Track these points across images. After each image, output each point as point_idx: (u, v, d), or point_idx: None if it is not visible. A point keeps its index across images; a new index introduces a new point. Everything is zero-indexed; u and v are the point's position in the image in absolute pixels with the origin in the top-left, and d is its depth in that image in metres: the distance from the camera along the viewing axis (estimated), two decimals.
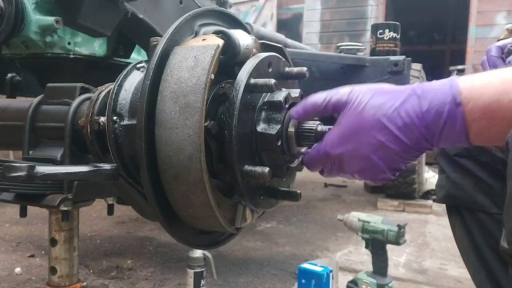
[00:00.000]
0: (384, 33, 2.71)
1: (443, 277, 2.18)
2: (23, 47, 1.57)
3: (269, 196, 0.85)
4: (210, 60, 0.75)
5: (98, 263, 2.20)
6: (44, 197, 1.16)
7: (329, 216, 3.34)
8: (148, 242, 2.56)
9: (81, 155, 1.10)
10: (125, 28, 1.59)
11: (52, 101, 1.16)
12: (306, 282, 1.60)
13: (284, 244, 2.61)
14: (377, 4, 7.78)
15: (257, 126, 0.78)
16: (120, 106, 0.89)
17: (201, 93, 0.72)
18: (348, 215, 1.90)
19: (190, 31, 0.84)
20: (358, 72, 2.59)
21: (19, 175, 0.72)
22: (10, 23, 1.43)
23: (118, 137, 0.88)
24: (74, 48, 1.62)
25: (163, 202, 0.79)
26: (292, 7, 8.71)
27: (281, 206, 3.40)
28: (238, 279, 2.04)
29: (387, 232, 1.73)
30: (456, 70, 7.09)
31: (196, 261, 1.66)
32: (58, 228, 1.27)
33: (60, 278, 1.29)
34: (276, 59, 0.85)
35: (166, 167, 0.75)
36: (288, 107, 0.80)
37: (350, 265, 2.28)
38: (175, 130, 0.73)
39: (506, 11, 6.84)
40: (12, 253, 2.32)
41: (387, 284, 1.76)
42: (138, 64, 0.96)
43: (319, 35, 8.24)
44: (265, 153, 0.79)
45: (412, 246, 2.63)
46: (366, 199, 4.00)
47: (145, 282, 1.98)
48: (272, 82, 0.75)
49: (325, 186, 4.55)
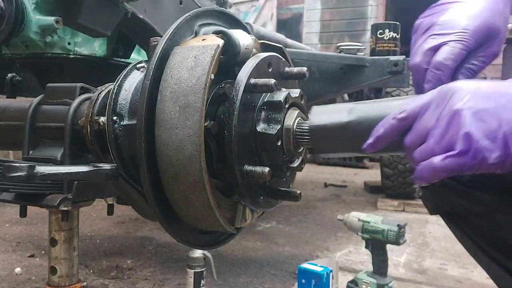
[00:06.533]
0: (384, 33, 2.71)
1: (443, 277, 2.18)
2: (23, 47, 1.57)
3: (269, 196, 0.85)
4: (210, 60, 0.75)
5: (98, 263, 2.20)
6: (44, 197, 1.16)
7: (329, 216, 3.33)
8: (148, 242, 2.56)
9: (81, 155, 1.10)
10: (125, 28, 1.59)
11: (52, 101, 1.16)
12: (306, 282, 1.60)
13: (284, 244, 2.61)
14: (377, 4, 7.78)
15: (257, 126, 0.78)
16: (120, 106, 0.90)
17: (201, 93, 0.72)
18: (348, 215, 1.90)
19: (190, 31, 0.84)
20: (358, 72, 2.60)
21: (19, 175, 0.72)
22: (10, 23, 1.43)
23: (118, 137, 0.88)
24: (74, 48, 1.62)
25: (163, 202, 0.79)
26: (292, 7, 8.71)
27: (281, 206, 3.40)
28: (238, 279, 2.03)
29: (387, 232, 1.73)
30: None
31: (196, 261, 1.66)
32: (58, 228, 1.27)
33: (60, 278, 1.29)
34: (276, 59, 0.85)
35: (166, 167, 0.75)
36: (288, 107, 0.80)
37: (350, 265, 2.28)
38: (175, 130, 0.73)
39: None
40: (12, 253, 2.32)
41: (387, 284, 1.76)
42: (138, 64, 0.96)
43: (319, 35, 8.24)
44: (265, 153, 0.79)
45: (412, 246, 2.63)
46: (366, 199, 4.00)
47: (145, 282, 1.98)
48: (272, 82, 0.75)
49: (325, 186, 4.55)
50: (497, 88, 0.59)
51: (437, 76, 0.73)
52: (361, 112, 0.71)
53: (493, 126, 0.56)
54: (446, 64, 0.73)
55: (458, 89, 0.59)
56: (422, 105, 0.63)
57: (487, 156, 0.56)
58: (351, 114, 0.71)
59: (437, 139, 0.59)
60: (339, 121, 0.72)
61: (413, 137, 0.63)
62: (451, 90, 0.60)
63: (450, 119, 0.58)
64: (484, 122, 0.56)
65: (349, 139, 0.72)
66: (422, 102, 0.63)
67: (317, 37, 8.25)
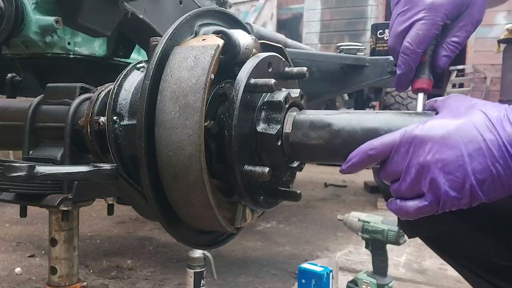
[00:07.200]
0: (384, 33, 2.71)
1: (443, 277, 2.18)
2: (23, 47, 1.57)
3: (269, 196, 0.85)
4: (210, 60, 0.75)
5: (98, 263, 2.20)
6: (44, 197, 1.16)
7: (329, 216, 3.34)
8: (148, 242, 2.56)
9: (81, 155, 1.09)
10: (125, 28, 1.59)
11: (52, 101, 1.16)
12: (306, 282, 1.60)
13: (284, 244, 2.61)
14: (377, 4, 7.78)
15: (257, 126, 0.78)
16: (120, 106, 0.89)
17: (201, 93, 0.72)
18: (348, 215, 1.90)
19: (190, 31, 0.84)
20: (358, 72, 2.60)
21: (19, 175, 0.72)
22: (10, 23, 1.42)
23: (118, 137, 0.88)
24: (74, 48, 1.62)
25: (163, 202, 0.79)
26: (292, 7, 8.71)
27: (281, 206, 3.40)
28: (238, 279, 2.04)
29: (387, 232, 1.73)
30: (456, 70, 7.10)
31: (196, 261, 1.66)
32: (58, 228, 1.27)
33: (60, 278, 1.29)
34: (276, 59, 0.85)
35: (166, 167, 0.75)
36: (288, 107, 0.80)
37: (350, 265, 2.28)
38: (175, 130, 0.73)
39: (506, 11, 6.83)
40: (12, 253, 2.32)
41: (387, 284, 1.76)
42: (138, 64, 0.96)
43: (319, 35, 8.24)
44: (265, 153, 0.79)
45: (412, 246, 2.63)
46: (366, 199, 4.00)
47: (145, 282, 1.98)
48: (272, 82, 0.75)
49: (325, 186, 4.55)
50: (464, 133, 0.59)
51: (405, 61, 0.73)
52: (340, 131, 0.72)
53: (460, 178, 0.58)
54: (412, 48, 0.72)
55: (426, 140, 0.61)
56: (391, 145, 0.64)
57: (455, 204, 0.60)
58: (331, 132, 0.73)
59: (408, 187, 0.63)
60: (318, 141, 0.74)
61: (386, 175, 0.67)
62: (420, 140, 0.61)
63: (419, 171, 0.61)
64: (451, 174, 0.58)
65: (328, 155, 0.75)
66: (391, 142, 0.64)
67: (317, 37, 8.25)
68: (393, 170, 0.65)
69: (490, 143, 0.57)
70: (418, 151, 0.61)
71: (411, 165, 0.62)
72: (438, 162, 0.59)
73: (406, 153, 0.62)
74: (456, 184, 0.58)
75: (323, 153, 0.76)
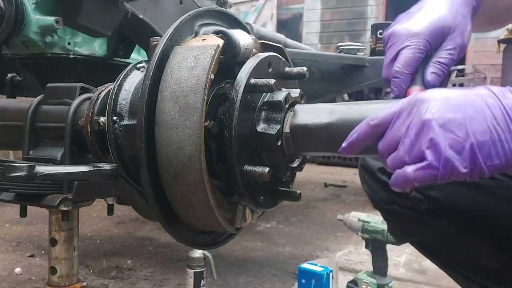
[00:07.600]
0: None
1: (443, 277, 2.17)
2: (23, 47, 1.57)
3: (269, 196, 0.85)
4: (210, 60, 0.75)
5: (98, 263, 2.20)
6: (44, 197, 1.16)
7: (329, 216, 3.33)
8: (148, 242, 2.56)
9: (81, 155, 1.10)
10: (125, 28, 1.59)
11: (52, 101, 1.16)
12: (306, 282, 1.60)
13: (284, 244, 2.61)
14: (377, 4, 7.79)
15: (257, 126, 0.78)
16: (120, 106, 0.89)
17: (201, 93, 0.72)
18: (348, 215, 1.90)
19: (190, 31, 0.84)
20: (358, 72, 2.60)
21: (19, 175, 0.72)
22: (10, 23, 1.43)
23: (118, 137, 0.88)
24: (74, 48, 1.62)
25: (163, 202, 0.79)
26: (292, 7, 8.71)
27: (281, 206, 3.40)
28: (238, 279, 2.04)
29: (387, 232, 1.73)
30: (456, 70, 7.10)
31: (196, 261, 1.66)
32: (58, 228, 1.27)
33: (60, 278, 1.29)
34: (276, 59, 0.85)
35: (166, 167, 0.75)
36: (288, 107, 0.80)
37: (350, 265, 2.28)
38: (175, 130, 0.73)
39: None
40: (12, 253, 2.32)
41: (387, 284, 1.76)
42: (138, 64, 0.96)
43: (319, 35, 8.25)
44: (265, 153, 0.79)
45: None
46: (366, 199, 3.98)
47: (145, 282, 1.98)
48: (272, 82, 0.75)
49: (325, 186, 4.55)
50: (465, 98, 0.60)
51: (396, 83, 0.76)
52: (340, 114, 0.73)
53: (461, 137, 0.58)
54: (400, 71, 0.76)
55: (428, 99, 0.61)
56: (393, 113, 0.65)
57: (456, 166, 0.58)
58: (332, 115, 0.73)
59: (407, 149, 0.62)
60: (319, 122, 0.74)
61: (385, 144, 0.66)
62: (421, 100, 0.62)
63: (420, 129, 0.60)
64: (452, 132, 0.58)
65: (327, 140, 0.74)
66: (394, 110, 0.65)
67: (317, 37, 8.25)
68: (393, 135, 0.64)
69: (491, 107, 0.58)
70: (419, 110, 0.61)
71: (411, 126, 0.61)
72: (440, 119, 0.59)
73: (407, 116, 0.63)
74: (456, 143, 0.58)
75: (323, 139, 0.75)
